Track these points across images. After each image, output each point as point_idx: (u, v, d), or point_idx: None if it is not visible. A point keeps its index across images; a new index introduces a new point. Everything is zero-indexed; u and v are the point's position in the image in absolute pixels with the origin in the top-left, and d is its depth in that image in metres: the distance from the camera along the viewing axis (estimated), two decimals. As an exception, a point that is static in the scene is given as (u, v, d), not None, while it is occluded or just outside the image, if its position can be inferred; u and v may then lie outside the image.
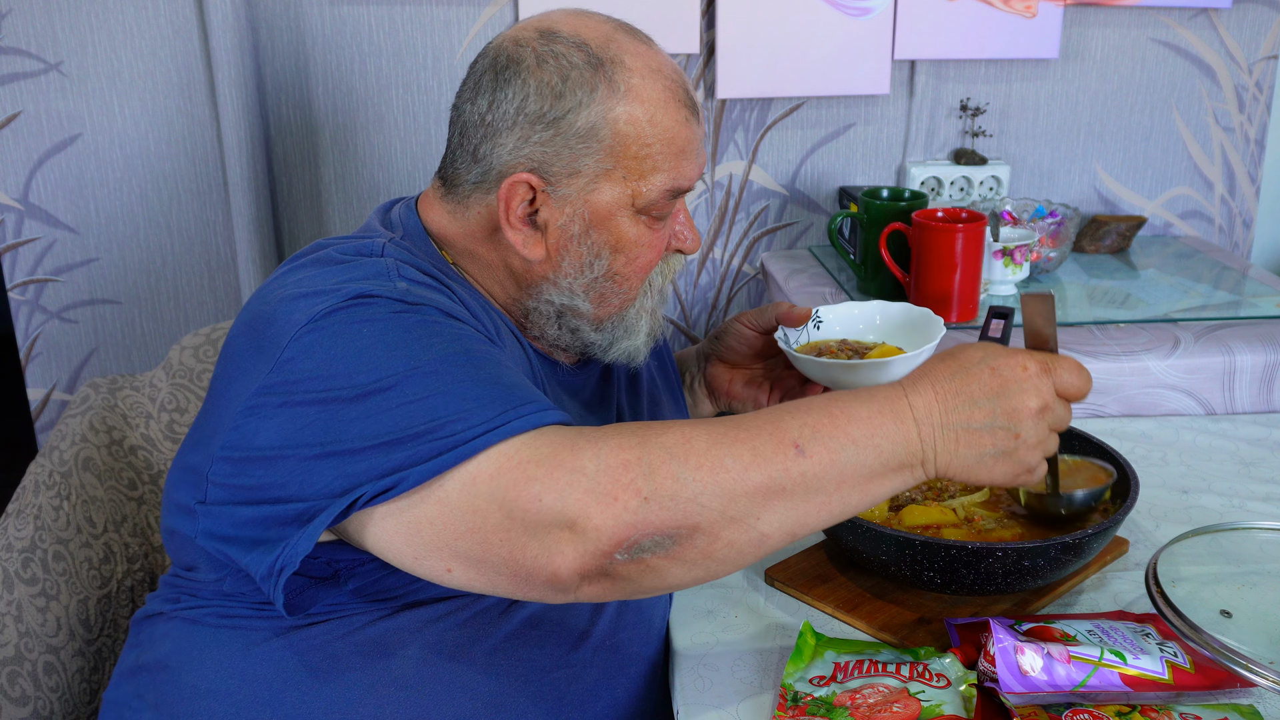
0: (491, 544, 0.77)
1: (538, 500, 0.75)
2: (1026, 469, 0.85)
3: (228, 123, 1.74)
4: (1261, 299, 1.67)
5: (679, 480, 0.75)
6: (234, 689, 0.92)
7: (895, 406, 0.82)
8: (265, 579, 0.82)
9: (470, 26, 1.83)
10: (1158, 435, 1.43)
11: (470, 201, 1.00)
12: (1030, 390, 0.83)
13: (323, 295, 0.86)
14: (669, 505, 0.75)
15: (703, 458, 0.76)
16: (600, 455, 0.76)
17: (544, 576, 0.76)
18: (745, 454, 0.77)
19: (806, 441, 0.78)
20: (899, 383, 0.84)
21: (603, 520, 0.74)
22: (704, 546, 0.77)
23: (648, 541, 0.75)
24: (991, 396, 0.82)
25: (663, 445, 0.76)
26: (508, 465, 0.77)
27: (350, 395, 0.80)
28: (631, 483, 0.75)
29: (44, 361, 1.90)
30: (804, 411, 0.80)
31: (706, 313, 2.06)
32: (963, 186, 1.97)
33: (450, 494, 0.77)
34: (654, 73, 0.97)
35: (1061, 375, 0.85)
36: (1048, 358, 0.85)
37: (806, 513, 0.79)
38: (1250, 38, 1.99)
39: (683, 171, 0.99)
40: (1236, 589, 1.00)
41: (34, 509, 1.13)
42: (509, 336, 1.01)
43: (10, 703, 0.99)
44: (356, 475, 0.78)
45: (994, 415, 0.82)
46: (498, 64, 0.97)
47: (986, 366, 0.83)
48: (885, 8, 1.87)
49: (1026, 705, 0.86)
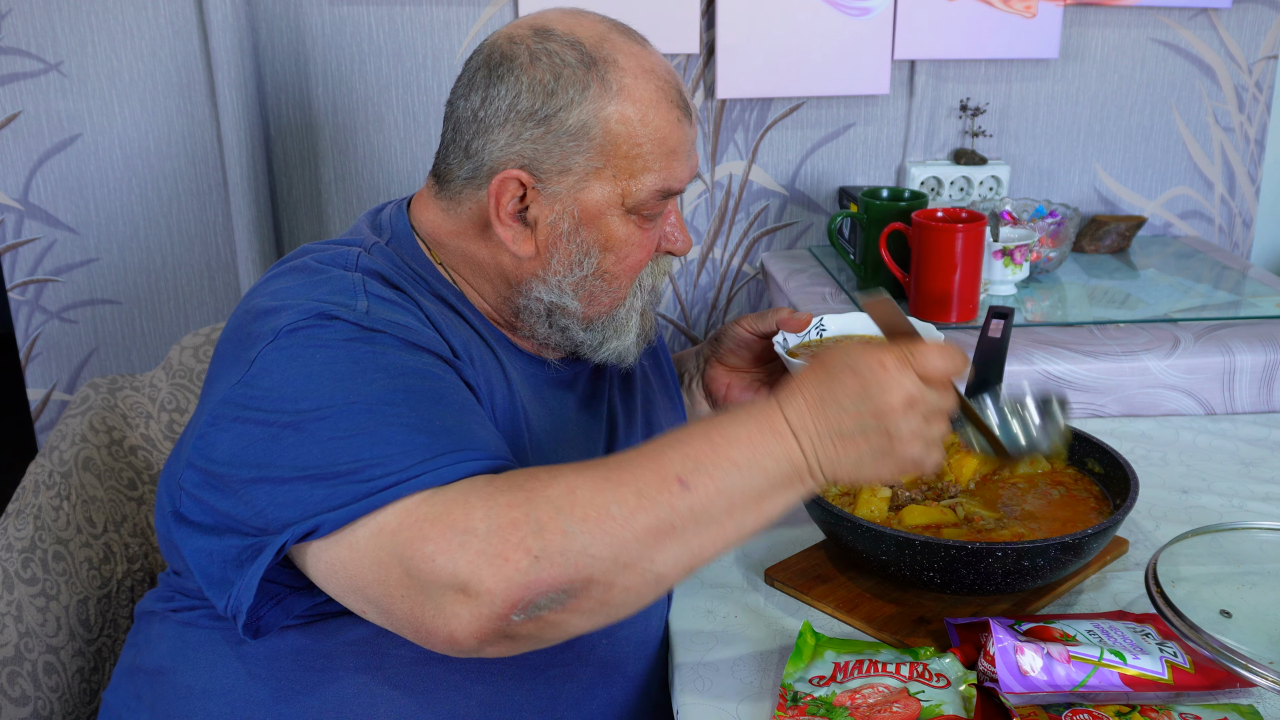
0: (394, 598, 0.77)
1: (431, 561, 0.75)
2: (911, 462, 0.83)
3: (228, 123, 1.74)
4: (1261, 299, 1.67)
5: (567, 534, 0.74)
6: (229, 689, 0.93)
7: (773, 424, 0.80)
8: (227, 617, 0.84)
9: (470, 26, 1.83)
10: (1158, 435, 1.43)
11: (462, 197, 1.00)
12: (892, 386, 0.81)
13: (289, 310, 0.88)
14: (559, 561, 0.74)
15: (588, 508, 0.75)
16: (490, 514, 0.75)
17: (442, 638, 0.76)
18: (630, 498, 0.76)
19: (689, 474, 0.77)
20: (773, 397, 0.83)
21: (495, 583, 0.73)
22: (600, 596, 0.76)
23: (543, 600, 0.74)
24: (856, 399, 0.81)
25: (549, 499, 0.75)
26: (408, 521, 0.76)
27: (288, 420, 0.81)
28: (521, 542, 0.74)
29: (44, 361, 1.90)
30: (684, 442, 0.79)
31: (706, 313, 2.06)
32: (963, 186, 1.97)
33: (360, 542, 0.78)
34: (647, 73, 0.97)
35: (923, 362, 0.82)
36: (906, 348, 0.83)
37: (701, 545, 0.78)
38: (1250, 38, 1.99)
39: (674, 172, 0.99)
40: (1236, 589, 1.00)
41: (34, 509, 1.13)
42: (480, 348, 1.00)
43: (10, 703, 0.99)
44: (283, 509, 0.79)
45: (862, 418, 0.81)
46: (491, 61, 0.97)
47: (847, 369, 0.82)
48: (885, 8, 1.87)
49: (1026, 705, 0.86)
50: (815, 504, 1.04)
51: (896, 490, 1.09)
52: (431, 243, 1.03)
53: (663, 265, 1.07)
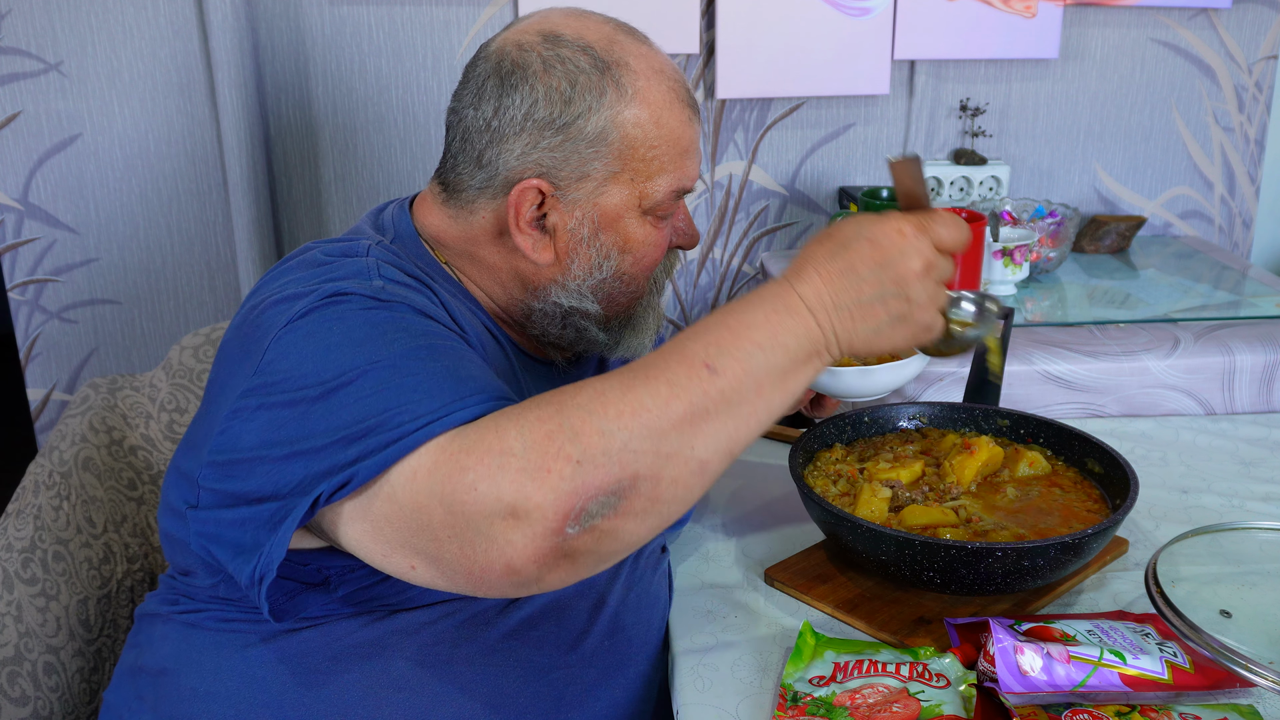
0: (442, 542, 0.75)
1: (474, 490, 0.73)
2: (925, 328, 0.85)
3: (228, 123, 1.74)
4: (1261, 299, 1.67)
5: (605, 434, 0.74)
6: (233, 691, 0.93)
7: (788, 302, 0.82)
8: (249, 587, 0.82)
9: (470, 26, 1.83)
10: (1158, 435, 1.43)
11: (475, 206, 1.00)
12: (911, 253, 0.83)
13: (301, 297, 0.87)
14: (603, 462, 0.73)
15: (621, 405, 0.75)
16: (524, 431, 0.74)
17: (499, 570, 0.74)
18: (662, 389, 0.76)
19: (715, 359, 0.77)
20: (784, 276, 0.83)
21: (543, 497, 0.72)
22: (649, 492, 0.75)
23: (594, 505, 0.73)
24: (875, 268, 0.82)
25: (579, 405, 0.75)
26: (443, 458, 0.75)
27: (317, 394, 0.80)
28: (560, 450, 0.73)
29: (44, 362, 1.90)
30: (705, 331, 0.79)
31: (706, 313, 2.06)
32: (963, 186, 1.97)
33: (397, 490, 0.76)
34: (657, 74, 0.97)
35: (938, 231, 0.85)
36: (921, 217, 0.85)
37: (736, 427, 0.79)
38: (1250, 38, 1.99)
39: (686, 171, 1.00)
40: (1236, 589, 1.00)
41: (34, 509, 1.13)
42: (489, 341, 1.00)
43: (10, 703, 0.99)
44: (318, 472, 0.78)
45: (882, 285, 0.83)
46: (502, 69, 0.96)
47: (864, 239, 0.83)
48: (885, 8, 1.87)
49: (1026, 705, 0.86)
50: (815, 504, 1.04)
51: (896, 490, 1.09)
52: (436, 244, 1.03)
53: (672, 260, 1.07)
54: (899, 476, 1.11)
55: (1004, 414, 1.21)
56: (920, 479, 1.12)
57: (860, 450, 1.18)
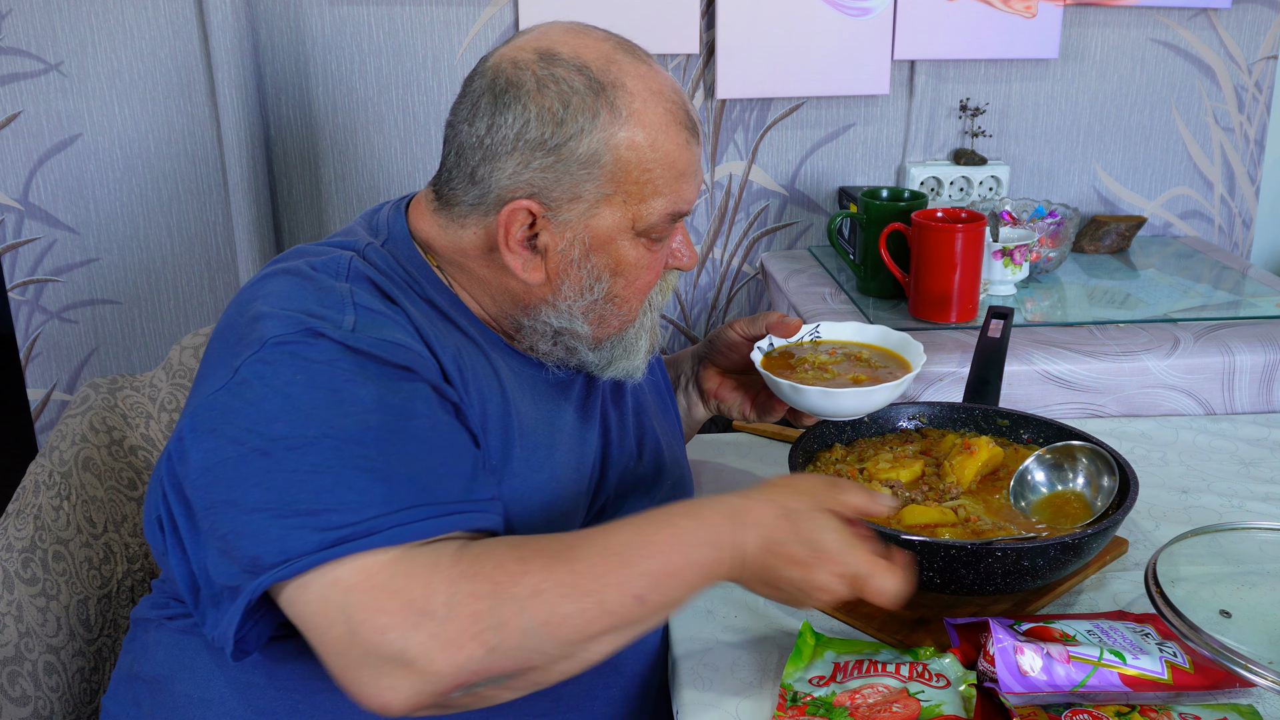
0: (330, 652, 0.78)
1: (381, 634, 0.75)
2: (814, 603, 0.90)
3: (228, 123, 1.74)
4: (1261, 299, 1.67)
5: (526, 635, 0.77)
6: (228, 698, 0.93)
7: (733, 554, 0.85)
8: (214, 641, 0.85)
9: (470, 27, 1.83)
10: (1157, 435, 1.43)
11: (467, 222, 0.99)
12: (835, 583, 0.87)
13: (278, 319, 0.88)
14: (513, 656, 0.77)
15: (550, 614, 0.78)
16: (452, 601, 0.76)
17: (373, 704, 0.77)
18: (591, 608, 0.79)
19: (649, 593, 0.81)
20: (737, 527, 0.85)
21: (445, 666, 0.75)
22: (537, 678, 0.80)
23: (485, 682, 0.78)
24: (802, 570, 0.86)
25: (514, 598, 0.77)
26: (365, 583, 0.77)
27: (259, 445, 0.82)
28: (479, 634, 0.76)
29: (44, 361, 1.90)
30: (648, 556, 0.82)
31: (706, 313, 2.06)
32: (962, 187, 1.97)
33: (311, 584, 0.78)
34: (655, 95, 0.96)
35: (870, 585, 0.87)
36: (860, 577, 0.86)
37: (632, 637, 0.83)
38: (1250, 38, 1.99)
39: (682, 194, 0.99)
40: (1236, 589, 1.00)
41: (34, 509, 1.13)
42: (473, 356, 0.99)
43: (10, 703, 0.99)
44: (245, 541, 0.80)
45: (801, 581, 0.87)
46: (496, 86, 0.95)
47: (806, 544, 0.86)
48: (885, 8, 1.87)
49: (1026, 705, 0.86)
50: (815, 504, 1.04)
51: (896, 490, 1.09)
52: (429, 248, 1.02)
53: (669, 281, 1.06)
54: (899, 476, 1.11)
55: (1004, 414, 1.21)
56: (920, 479, 1.12)
57: (860, 450, 1.18)
